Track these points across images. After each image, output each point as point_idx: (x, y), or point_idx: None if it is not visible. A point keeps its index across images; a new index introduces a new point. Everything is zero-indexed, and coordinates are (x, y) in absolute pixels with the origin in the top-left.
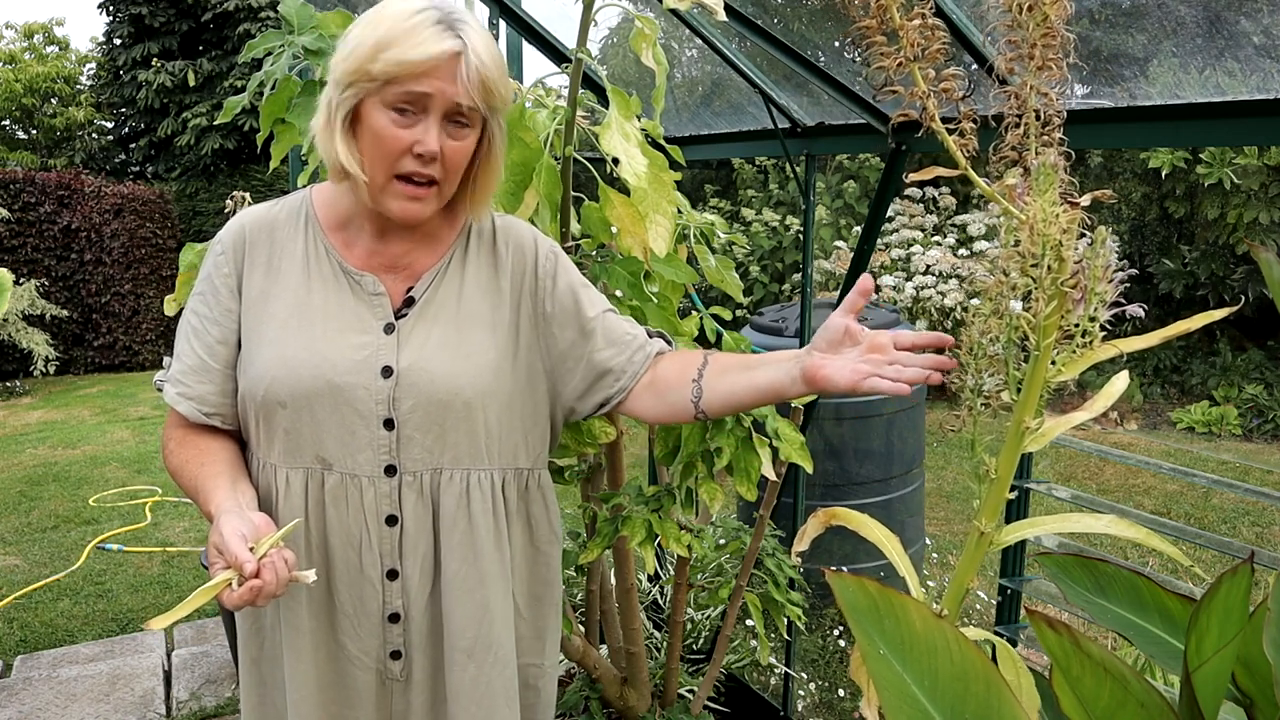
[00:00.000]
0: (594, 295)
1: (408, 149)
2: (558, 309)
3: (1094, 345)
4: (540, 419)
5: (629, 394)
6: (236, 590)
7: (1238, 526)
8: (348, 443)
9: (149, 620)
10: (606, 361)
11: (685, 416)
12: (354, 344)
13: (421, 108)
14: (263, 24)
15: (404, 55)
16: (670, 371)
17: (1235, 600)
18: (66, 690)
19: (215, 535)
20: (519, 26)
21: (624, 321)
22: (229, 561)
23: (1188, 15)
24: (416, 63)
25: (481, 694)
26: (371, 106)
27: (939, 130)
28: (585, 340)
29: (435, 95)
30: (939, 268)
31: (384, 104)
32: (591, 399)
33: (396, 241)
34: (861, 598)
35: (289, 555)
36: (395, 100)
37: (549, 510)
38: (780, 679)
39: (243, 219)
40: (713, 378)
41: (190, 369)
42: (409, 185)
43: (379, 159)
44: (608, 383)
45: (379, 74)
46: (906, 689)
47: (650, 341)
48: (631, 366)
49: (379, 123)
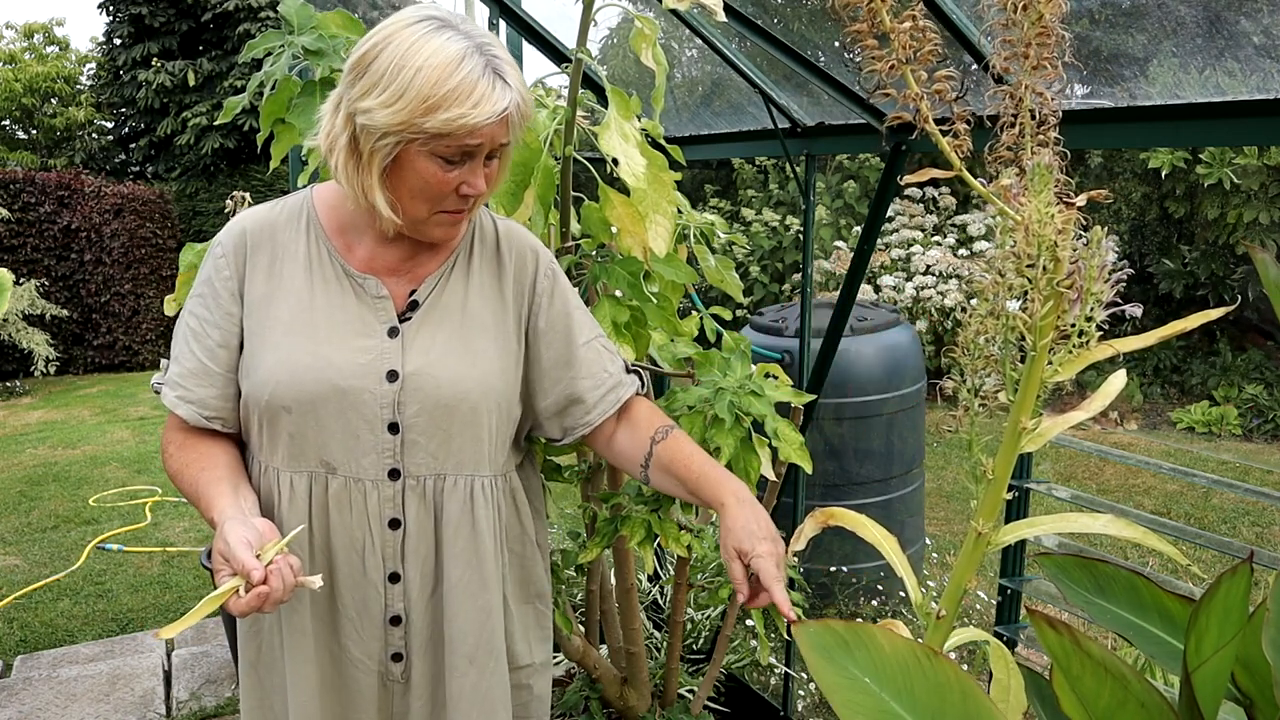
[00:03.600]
0: (586, 320)
1: (454, 189)
2: (549, 328)
3: (1091, 345)
4: (521, 425)
5: (593, 430)
6: (244, 597)
7: (1238, 526)
8: (352, 447)
9: (159, 630)
10: (582, 393)
11: (635, 472)
12: (358, 348)
13: (469, 154)
14: (263, 24)
15: (466, 120)
16: (639, 420)
17: (1235, 600)
18: (66, 690)
19: (220, 542)
20: (519, 26)
21: (605, 355)
22: (235, 568)
23: (1188, 15)
24: (478, 125)
25: (482, 699)
26: (414, 154)
27: (933, 132)
28: (568, 366)
29: (485, 143)
30: (939, 268)
31: (431, 153)
32: (558, 422)
33: (401, 247)
34: (828, 636)
35: (294, 561)
36: (447, 152)
37: (531, 506)
38: (780, 679)
39: (243, 221)
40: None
41: (190, 372)
42: (451, 215)
43: (424, 200)
44: (578, 413)
45: (432, 130)
46: (887, 707)
47: (623, 383)
48: (603, 404)
49: (426, 169)
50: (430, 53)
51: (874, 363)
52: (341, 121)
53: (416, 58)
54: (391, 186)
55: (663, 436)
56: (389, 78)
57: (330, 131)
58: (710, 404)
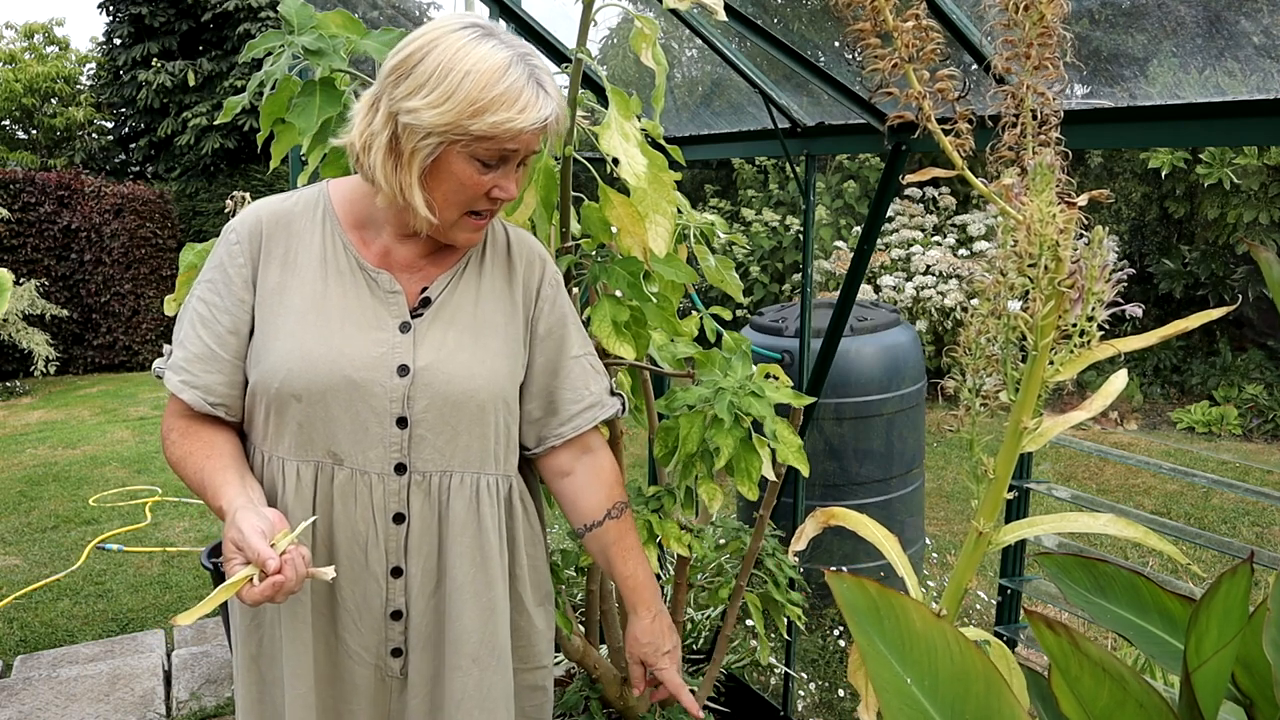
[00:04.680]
0: (579, 335)
1: (486, 193)
2: (546, 334)
3: (1092, 345)
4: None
5: (563, 442)
6: (258, 586)
7: (1238, 526)
8: (359, 439)
9: (174, 616)
10: (560, 404)
11: (574, 523)
12: (371, 340)
13: (505, 158)
14: (263, 24)
15: (512, 124)
16: (603, 478)
17: (1235, 600)
18: (66, 690)
19: (234, 531)
20: (519, 26)
21: (591, 373)
22: (250, 558)
23: (1188, 15)
24: (522, 130)
25: (484, 698)
26: (454, 155)
27: (935, 131)
28: (554, 375)
29: (522, 150)
30: (939, 268)
31: (471, 155)
32: (535, 430)
33: (416, 245)
34: (861, 598)
35: (305, 552)
36: (486, 155)
37: (535, 508)
38: (780, 679)
39: (258, 210)
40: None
41: (196, 356)
42: (477, 218)
43: (457, 202)
44: (553, 423)
45: (477, 133)
46: (906, 689)
47: (602, 404)
48: (578, 420)
49: (463, 171)
50: (478, 58)
51: (874, 363)
52: (381, 120)
53: (465, 62)
54: (428, 187)
55: (619, 513)
56: (436, 79)
57: (366, 130)
58: (710, 404)
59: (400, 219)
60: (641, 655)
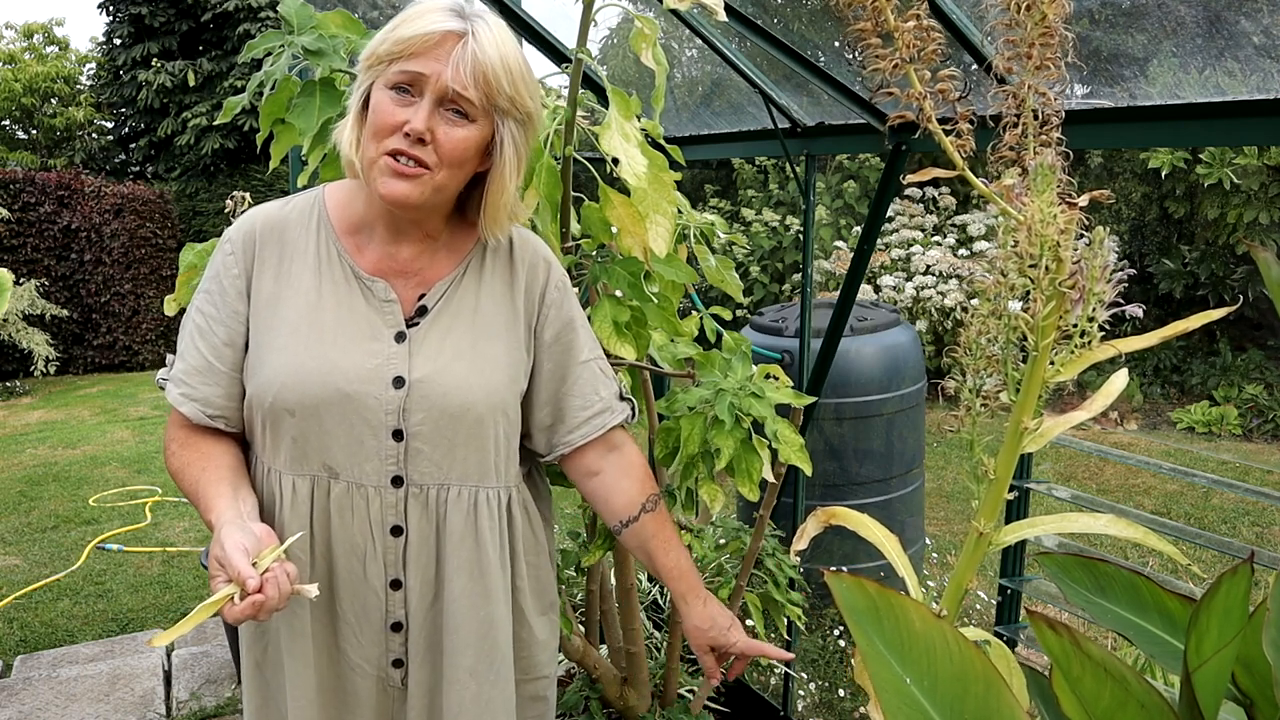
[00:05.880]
0: (588, 339)
1: (399, 127)
2: (554, 340)
3: (1092, 345)
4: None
5: (575, 453)
6: (238, 605)
7: (1238, 526)
8: (355, 452)
9: (151, 639)
10: (569, 411)
11: (609, 521)
12: (365, 352)
13: (419, 90)
14: (263, 24)
15: (404, 32)
16: (633, 473)
17: (1235, 600)
18: (66, 690)
19: (217, 548)
20: (519, 26)
21: (600, 378)
22: (231, 576)
23: (1188, 15)
24: (412, 38)
25: (482, 711)
26: (377, 89)
27: (935, 131)
28: (562, 381)
29: (430, 76)
30: (939, 268)
31: (386, 84)
32: (546, 438)
33: (409, 245)
34: (860, 598)
35: (291, 569)
36: (394, 79)
37: (541, 516)
38: (780, 679)
39: (253, 218)
40: (648, 530)
41: (194, 369)
42: (395, 162)
43: (371, 136)
44: (561, 431)
45: (384, 54)
46: (905, 689)
47: (612, 409)
48: (587, 427)
49: (380, 101)
50: (417, 5)
51: (874, 363)
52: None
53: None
54: (360, 131)
55: (654, 506)
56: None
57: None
58: (711, 405)
59: (386, 215)
60: (709, 641)
